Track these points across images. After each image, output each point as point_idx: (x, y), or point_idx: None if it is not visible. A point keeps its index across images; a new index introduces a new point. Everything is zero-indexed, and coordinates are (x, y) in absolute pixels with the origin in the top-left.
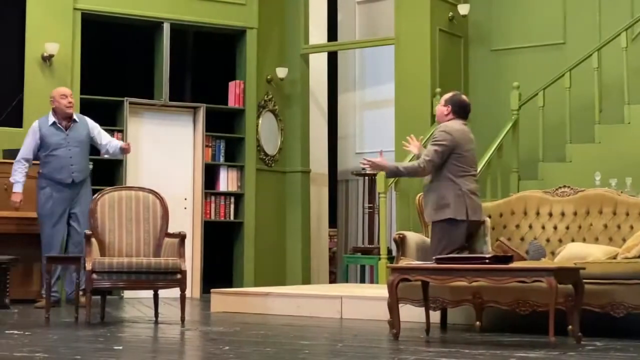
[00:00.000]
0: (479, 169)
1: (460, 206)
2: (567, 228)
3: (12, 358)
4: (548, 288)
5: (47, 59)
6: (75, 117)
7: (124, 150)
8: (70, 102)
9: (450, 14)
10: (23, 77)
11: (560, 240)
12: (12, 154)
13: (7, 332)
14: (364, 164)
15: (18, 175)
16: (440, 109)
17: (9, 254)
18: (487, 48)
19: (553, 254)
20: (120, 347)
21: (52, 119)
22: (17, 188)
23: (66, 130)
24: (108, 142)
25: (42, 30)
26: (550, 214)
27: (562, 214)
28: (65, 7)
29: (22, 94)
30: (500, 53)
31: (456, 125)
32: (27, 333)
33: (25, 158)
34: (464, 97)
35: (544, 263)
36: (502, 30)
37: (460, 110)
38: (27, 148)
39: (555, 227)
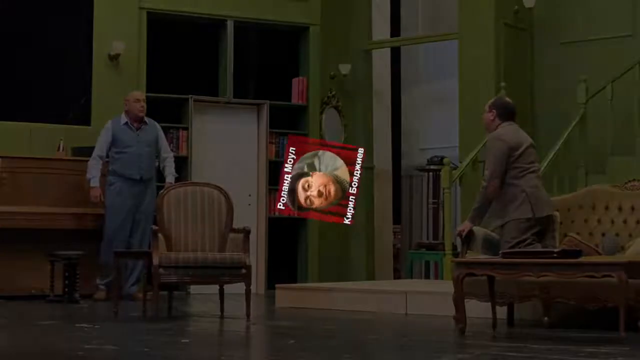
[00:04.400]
0: (544, 164)
1: (525, 205)
2: (638, 222)
3: (82, 350)
4: (618, 283)
5: (113, 58)
6: (146, 119)
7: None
8: (142, 107)
9: (516, 7)
10: (91, 76)
11: (630, 235)
12: (81, 151)
13: (77, 325)
14: (459, 234)
15: (94, 171)
16: (486, 115)
17: (77, 250)
18: (553, 41)
19: (623, 248)
20: (187, 340)
21: (124, 119)
22: (94, 183)
23: (137, 131)
24: (167, 156)
25: (109, 29)
26: (620, 208)
27: (632, 208)
28: (131, 6)
29: (90, 93)
30: (567, 46)
31: (504, 129)
32: (96, 326)
33: (100, 155)
34: (506, 99)
35: (614, 258)
36: (568, 22)
37: (505, 112)
38: (100, 146)
39: (625, 221)
